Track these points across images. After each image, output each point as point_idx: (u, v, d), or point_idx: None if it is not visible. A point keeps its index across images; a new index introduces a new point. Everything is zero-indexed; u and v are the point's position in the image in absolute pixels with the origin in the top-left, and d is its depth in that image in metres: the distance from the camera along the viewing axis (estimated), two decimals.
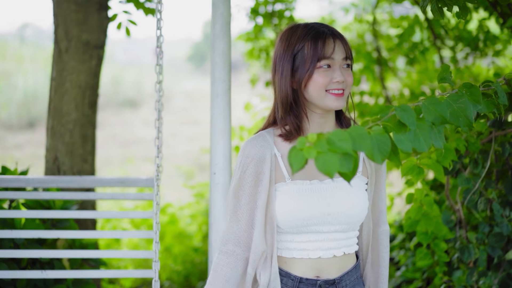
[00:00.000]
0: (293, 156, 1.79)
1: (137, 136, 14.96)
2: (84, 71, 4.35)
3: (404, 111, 1.98)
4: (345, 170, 1.79)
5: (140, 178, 3.47)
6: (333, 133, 1.78)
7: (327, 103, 2.26)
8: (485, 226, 3.38)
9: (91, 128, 4.43)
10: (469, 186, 3.27)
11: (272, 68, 2.37)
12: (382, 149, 1.90)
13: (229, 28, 2.98)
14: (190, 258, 5.63)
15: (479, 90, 2.16)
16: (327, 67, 2.24)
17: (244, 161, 2.28)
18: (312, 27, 2.29)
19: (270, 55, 5.90)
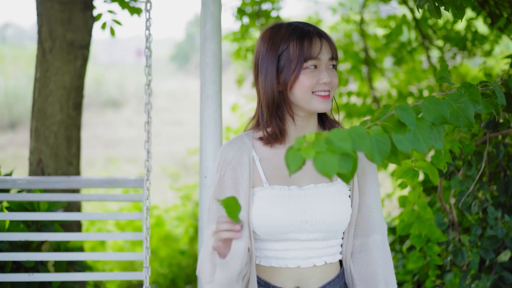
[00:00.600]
0: (291, 157, 1.73)
1: (120, 136, 14.87)
2: (69, 72, 4.26)
3: (404, 111, 1.93)
4: (344, 171, 1.73)
5: (129, 179, 3.39)
6: (332, 133, 1.72)
7: (313, 106, 2.18)
8: (478, 228, 3.34)
9: (76, 130, 4.34)
10: (462, 189, 3.23)
11: (254, 69, 2.26)
12: (382, 149, 1.84)
13: (219, 28, 2.91)
14: (177, 261, 5.56)
15: (478, 90, 2.11)
16: (313, 68, 2.16)
17: (222, 165, 2.24)
18: (296, 26, 2.21)
19: None
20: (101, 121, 16.44)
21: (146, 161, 2.99)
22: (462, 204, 3.23)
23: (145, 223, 3.07)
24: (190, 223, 5.95)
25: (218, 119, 2.89)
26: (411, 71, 6.12)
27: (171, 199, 7.25)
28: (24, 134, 13.25)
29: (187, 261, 5.61)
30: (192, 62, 23.99)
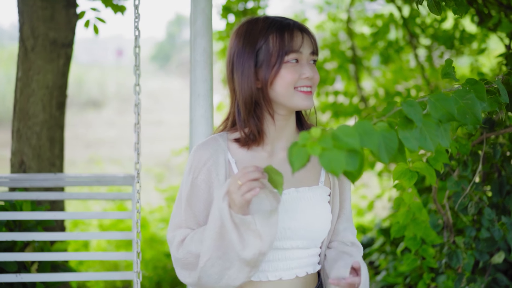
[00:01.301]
0: (295, 153, 1.64)
1: (100, 136, 14.74)
2: (52, 71, 4.15)
3: (410, 107, 1.85)
4: (351, 169, 1.65)
5: (118, 176, 3.29)
6: (339, 128, 1.64)
7: (295, 103, 2.06)
8: (472, 230, 3.28)
9: (59, 131, 4.23)
10: (458, 190, 3.16)
11: (228, 66, 2.13)
12: (389, 147, 1.76)
13: (211, 25, 2.82)
14: (162, 263, 5.45)
15: (483, 87, 2.04)
16: (295, 62, 2.04)
17: (196, 166, 2.07)
18: (274, 19, 2.09)
19: None
20: (82, 121, 16.29)
21: (137, 163, 2.88)
22: (458, 205, 3.16)
23: (135, 222, 2.97)
24: None
25: (209, 119, 2.79)
26: (398, 70, 6.07)
27: (155, 201, 7.13)
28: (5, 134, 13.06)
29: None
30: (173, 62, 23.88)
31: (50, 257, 3.20)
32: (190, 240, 1.99)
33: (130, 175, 3.28)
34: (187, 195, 2.07)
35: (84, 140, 14.18)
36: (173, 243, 2.04)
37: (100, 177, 3.36)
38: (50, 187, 3.93)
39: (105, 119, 16.91)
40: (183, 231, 2.04)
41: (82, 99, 18.34)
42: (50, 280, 3.20)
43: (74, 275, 3.27)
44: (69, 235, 3.34)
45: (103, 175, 3.38)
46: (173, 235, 2.06)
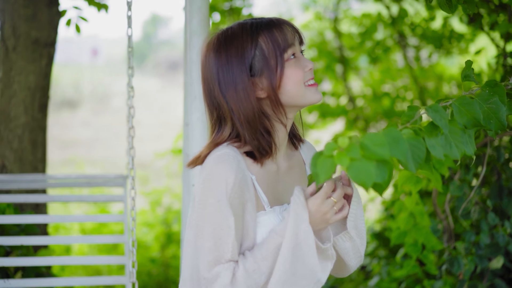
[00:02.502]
0: (320, 164, 1.52)
1: (76, 137, 14.54)
2: (34, 71, 3.99)
3: (436, 112, 1.74)
4: (380, 180, 1.53)
5: (109, 176, 3.14)
6: (367, 137, 1.52)
7: (308, 98, 1.88)
8: (471, 235, 3.20)
9: (41, 133, 4.07)
10: (460, 194, 3.07)
11: (213, 87, 1.88)
12: (416, 155, 1.65)
13: (207, 24, 2.69)
14: (146, 269, 5.31)
15: (504, 90, 1.93)
16: (293, 57, 1.87)
17: (225, 187, 1.78)
18: (252, 22, 1.88)
19: None
20: (57, 121, 16.05)
21: (131, 169, 2.74)
22: (462, 210, 3.07)
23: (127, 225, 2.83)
24: (161, 230, 5.70)
25: (206, 122, 2.66)
26: (386, 70, 5.99)
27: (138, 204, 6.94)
28: None
29: (158, 269, 5.36)
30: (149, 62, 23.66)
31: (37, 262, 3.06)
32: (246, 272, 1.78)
33: (121, 176, 3.14)
34: (227, 226, 1.79)
35: (60, 141, 13.95)
36: (218, 280, 1.77)
37: (89, 178, 3.22)
38: (33, 190, 3.76)
39: (81, 119, 16.69)
40: (227, 265, 1.78)
41: (57, 99, 18.06)
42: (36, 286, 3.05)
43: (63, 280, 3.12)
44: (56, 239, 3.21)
45: (93, 175, 3.23)
46: (217, 272, 1.78)
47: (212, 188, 1.79)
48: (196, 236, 1.82)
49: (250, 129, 1.85)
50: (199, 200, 1.82)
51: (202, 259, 1.78)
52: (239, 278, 1.76)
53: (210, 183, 1.80)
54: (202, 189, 1.81)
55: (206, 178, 1.81)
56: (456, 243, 3.19)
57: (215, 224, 1.78)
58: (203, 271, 1.78)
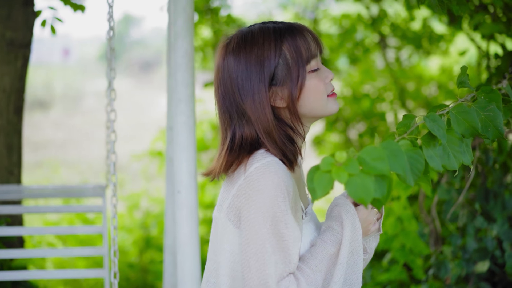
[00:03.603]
0: (317, 180, 1.45)
1: (48, 138, 14.34)
2: (9, 73, 3.87)
3: (433, 122, 1.68)
4: (379, 196, 1.48)
5: (87, 187, 3.06)
6: (365, 151, 1.46)
7: (329, 109, 1.83)
8: (458, 239, 3.17)
9: (17, 137, 3.95)
10: (447, 198, 3.04)
11: (232, 93, 1.81)
12: (415, 168, 1.60)
13: (192, 25, 2.62)
14: (125, 275, 5.20)
15: (499, 95, 1.88)
16: (316, 69, 1.80)
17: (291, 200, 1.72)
18: (275, 26, 1.82)
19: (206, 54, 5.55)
20: (28, 122, 15.82)
21: (113, 174, 2.65)
22: (451, 215, 3.04)
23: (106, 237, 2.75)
24: (140, 235, 5.60)
25: (192, 127, 2.59)
26: (366, 71, 5.96)
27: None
28: None
29: (136, 274, 5.27)
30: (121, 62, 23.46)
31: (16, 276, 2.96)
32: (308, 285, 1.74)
33: (99, 186, 3.05)
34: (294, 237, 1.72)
35: (31, 142, 13.74)
36: None
37: (66, 188, 3.12)
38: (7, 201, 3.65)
39: (53, 120, 16.47)
40: (291, 278, 1.71)
41: (28, 99, 17.81)
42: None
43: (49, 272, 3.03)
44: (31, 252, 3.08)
45: (70, 186, 3.14)
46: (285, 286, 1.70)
47: (273, 197, 1.69)
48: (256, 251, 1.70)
49: (270, 139, 1.78)
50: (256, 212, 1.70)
51: (269, 273, 1.69)
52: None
53: (269, 193, 1.70)
54: (258, 200, 1.70)
55: (263, 188, 1.70)
56: (443, 247, 3.16)
57: (280, 235, 1.70)
58: (271, 285, 1.68)
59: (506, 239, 3.01)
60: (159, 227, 5.64)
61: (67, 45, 23.82)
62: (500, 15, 4.02)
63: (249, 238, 1.71)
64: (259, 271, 1.69)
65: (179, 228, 2.57)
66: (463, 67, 1.93)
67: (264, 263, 1.69)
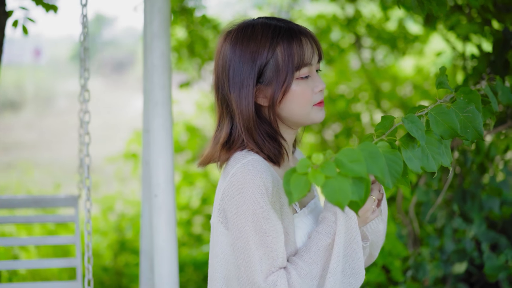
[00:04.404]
0: (293, 182, 1.43)
1: (19, 140, 14.16)
2: None
3: (412, 123, 1.67)
4: (357, 198, 1.46)
5: (59, 197, 2.99)
6: (342, 153, 1.44)
7: (312, 118, 1.86)
8: (436, 240, 3.17)
9: None
10: (426, 200, 3.03)
11: (221, 79, 1.86)
12: (394, 170, 1.58)
13: (169, 26, 2.57)
14: (99, 279, 5.13)
15: (479, 97, 1.87)
16: (306, 77, 1.82)
17: (270, 196, 1.74)
18: (277, 25, 1.83)
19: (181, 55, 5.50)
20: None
21: (87, 178, 2.60)
22: (429, 216, 3.03)
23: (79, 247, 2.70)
24: (114, 238, 5.53)
25: (169, 129, 2.55)
26: (342, 72, 5.96)
27: None
28: None
29: (111, 278, 5.20)
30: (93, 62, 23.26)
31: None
32: (301, 278, 1.74)
33: (72, 196, 2.98)
34: (275, 231, 1.74)
35: (2, 143, 13.58)
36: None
37: (37, 199, 3.04)
38: None
39: (24, 121, 16.29)
40: (280, 273, 1.73)
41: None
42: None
43: None
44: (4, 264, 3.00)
45: (41, 197, 3.06)
46: (273, 282, 1.71)
47: (252, 195, 1.73)
48: (241, 249, 1.74)
49: (248, 134, 1.82)
50: (238, 211, 1.75)
51: (255, 269, 1.72)
52: (295, 284, 1.73)
53: (248, 190, 1.73)
54: (239, 199, 1.74)
55: (242, 187, 1.74)
56: (421, 248, 3.16)
57: (261, 231, 1.73)
58: (258, 281, 1.72)
59: (484, 240, 3.01)
60: (134, 230, 5.58)
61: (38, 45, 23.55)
62: (475, 15, 4.03)
63: (234, 237, 1.75)
64: (246, 268, 1.73)
65: (157, 233, 2.52)
66: (442, 67, 1.92)
67: (250, 260, 1.73)
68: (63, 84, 20.06)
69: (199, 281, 5.07)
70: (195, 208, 6.01)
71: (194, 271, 5.17)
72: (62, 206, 3.03)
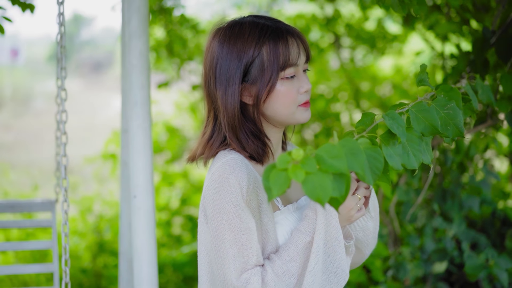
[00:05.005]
0: (273, 178, 1.41)
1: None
2: None
3: (393, 120, 1.66)
4: (337, 195, 1.45)
5: (35, 201, 2.94)
6: (322, 149, 1.43)
7: (296, 119, 1.86)
8: (416, 239, 3.17)
9: None
10: (406, 199, 3.03)
11: (208, 75, 1.87)
12: (374, 167, 1.57)
13: (147, 25, 2.54)
14: (77, 281, 5.08)
15: (459, 94, 1.87)
16: (291, 77, 1.82)
17: (245, 194, 1.75)
18: (265, 24, 1.83)
19: (160, 55, 5.46)
20: None
21: (64, 178, 2.56)
22: (410, 216, 3.02)
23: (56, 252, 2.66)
24: (93, 239, 5.47)
25: (148, 129, 2.51)
26: (321, 72, 5.95)
27: None
28: None
29: (90, 280, 5.14)
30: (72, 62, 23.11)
31: None
32: (276, 276, 1.75)
33: (49, 200, 2.93)
34: (248, 229, 1.75)
35: None
36: (248, 287, 1.73)
37: (14, 203, 2.98)
38: None
39: (1, 122, 16.14)
40: (255, 271, 1.74)
41: None
42: None
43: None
44: None
45: (18, 201, 3.00)
46: (246, 279, 1.73)
47: (227, 194, 1.75)
48: (217, 246, 1.77)
49: (232, 131, 1.84)
50: (214, 209, 1.77)
51: (228, 267, 1.74)
52: (269, 282, 1.73)
53: (224, 189, 1.76)
54: (215, 197, 1.77)
55: (219, 186, 1.77)
56: (401, 248, 3.15)
57: (235, 229, 1.74)
58: (231, 279, 1.73)
59: (464, 239, 3.01)
60: (113, 231, 5.52)
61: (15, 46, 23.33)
62: (454, 15, 4.05)
63: (212, 235, 1.78)
64: (222, 266, 1.76)
65: (136, 235, 2.49)
66: (422, 65, 1.92)
67: (224, 257, 1.75)
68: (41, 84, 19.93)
69: (178, 282, 5.04)
70: (174, 209, 5.97)
71: (174, 272, 5.14)
72: (39, 211, 2.97)
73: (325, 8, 5.59)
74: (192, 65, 5.66)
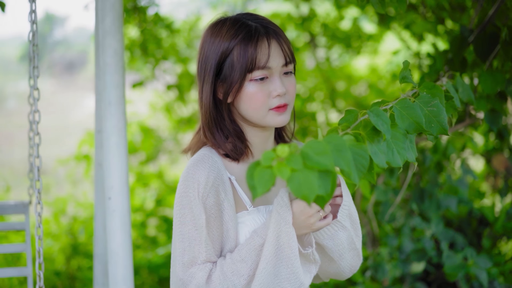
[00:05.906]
0: (257, 176, 1.38)
1: None
2: None
3: (378, 117, 1.63)
4: (323, 192, 1.42)
5: (8, 204, 2.86)
6: (308, 145, 1.39)
7: (268, 122, 1.85)
8: (394, 239, 3.15)
9: None
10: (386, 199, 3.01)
11: (197, 70, 1.91)
12: (360, 164, 1.54)
13: (121, 23, 2.49)
14: (51, 283, 5.00)
15: (442, 91, 1.86)
16: (260, 80, 1.80)
17: (202, 189, 1.78)
18: (242, 24, 1.83)
19: (134, 54, 5.40)
20: None
21: (37, 180, 2.49)
22: (389, 216, 3.01)
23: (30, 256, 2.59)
24: (67, 241, 5.38)
25: (122, 129, 2.46)
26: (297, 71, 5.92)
27: None
28: None
29: (64, 282, 5.06)
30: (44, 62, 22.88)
31: None
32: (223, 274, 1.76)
33: (22, 203, 2.86)
34: (199, 225, 1.78)
35: None
36: (192, 282, 1.76)
37: None
38: None
39: None
40: (203, 266, 1.78)
41: None
42: None
43: None
44: None
45: None
46: (191, 273, 1.77)
47: (186, 188, 1.79)
48: (173, 238, 1.83)
49: (207, 127, 1.87)
50: (175, 202, 1.83)
51: (178, 260, 1.79)
52: (215, 279, 1.75)
53: (184, 183, 1.80)
54: (178, 191, 1.82)
55: (182, 179, 1.82)
56: (380, 248, 3.14)
57: (188, 224, 1.78)
58: (179, 272, 1.78)
59: (443, 239, 3.00)
60: (87, 233, 5.44)
61: None
62: (429, 14, 4.05)
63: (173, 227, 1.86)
64: (174, 257, 1.83)
65: (111, 237, 2.44)
66: (405, 61, 1.90)
67: (175, 251, 1.82)
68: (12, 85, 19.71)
69: (154, 284, 4.98)
70: (149, 210, 5.91)
71: (149, 274, 5.08)
72: (11, 214, 2.90)
73: (301, 7, 5.57)
74: (167, 64, 5.61)
